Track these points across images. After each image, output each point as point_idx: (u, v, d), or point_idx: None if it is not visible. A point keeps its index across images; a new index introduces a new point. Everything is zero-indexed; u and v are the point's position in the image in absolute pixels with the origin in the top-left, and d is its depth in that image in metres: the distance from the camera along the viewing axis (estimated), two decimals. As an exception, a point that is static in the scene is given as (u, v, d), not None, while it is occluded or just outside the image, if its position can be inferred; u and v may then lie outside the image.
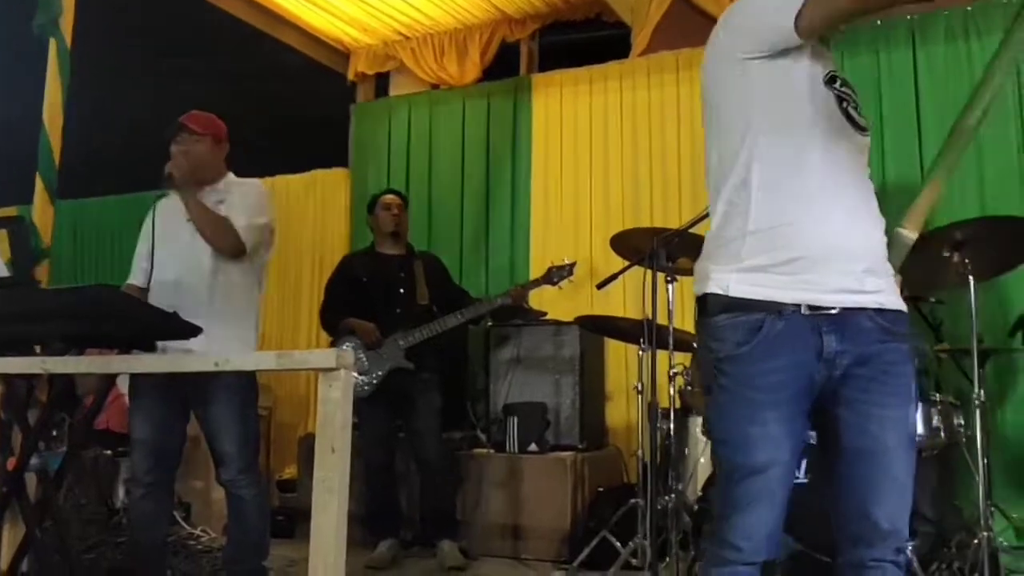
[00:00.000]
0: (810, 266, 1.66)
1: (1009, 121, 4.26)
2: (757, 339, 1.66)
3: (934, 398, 3.37)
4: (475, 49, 5.67)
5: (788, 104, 1.71)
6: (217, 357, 1.72)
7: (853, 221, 1.71)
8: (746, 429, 1.68)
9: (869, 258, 1.71)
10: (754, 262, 1.69)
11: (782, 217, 1.68)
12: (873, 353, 1.68)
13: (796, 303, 1.66)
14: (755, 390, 1.68)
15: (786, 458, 1.68)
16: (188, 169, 3.07)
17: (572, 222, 5.21)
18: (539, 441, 4.40)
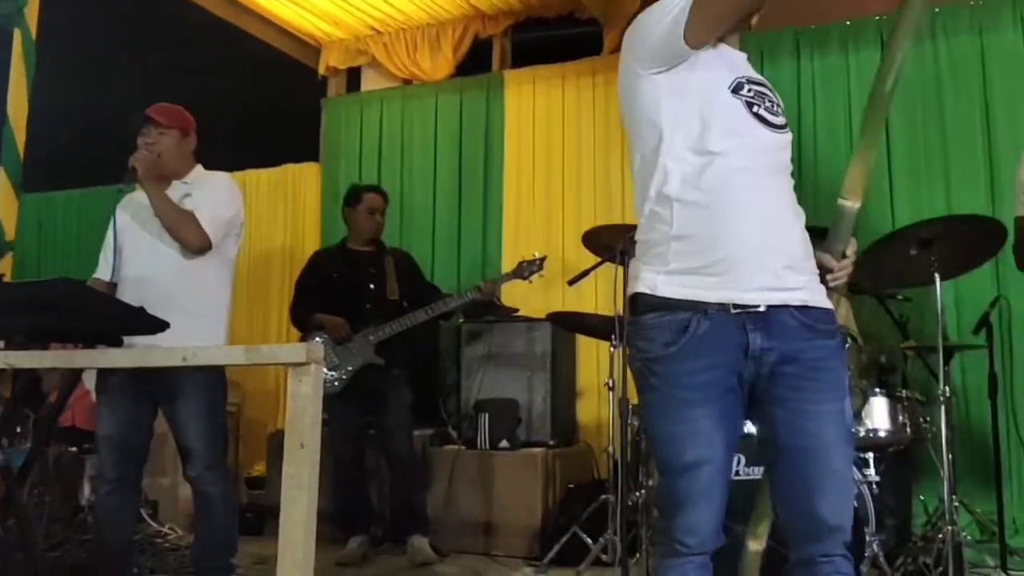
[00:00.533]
0: (732, 267, 1.70)
1: (975, 122, 4.32)
2: (684, 339, 1.70)
3: (900, 394, 3.42)
4: (448, 45, 5.65)
5: (695, 114, 1.75)
6: (185, 351, 1.70)
7: (770, 220, 1.74)
8: (677, 428, 1.72)
9: (788, 255, 1.73)
10: (679, 265, 1.73)
11: (700, 225, 1.72)
12: (800, 351, 1.70)
13: (721, 302, 1.70)
14: (684, 389, 1.71)
15: (719, 454, 1.71)
16: (152, 162, 3.02)
17: (544, 218, 5.21)
18: (510, 438, 4.40)
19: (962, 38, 4.40)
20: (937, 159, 4.37)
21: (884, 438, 3.34)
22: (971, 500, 3.81)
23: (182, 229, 3.00)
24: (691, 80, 1.75)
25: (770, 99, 1.81)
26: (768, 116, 1.78)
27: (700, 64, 1.75)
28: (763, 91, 1.81)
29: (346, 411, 4.13)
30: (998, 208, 4.11)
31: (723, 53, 1.81)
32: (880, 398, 3.36)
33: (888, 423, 3.34)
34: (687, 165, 1.73)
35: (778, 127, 1.79)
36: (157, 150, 3.06)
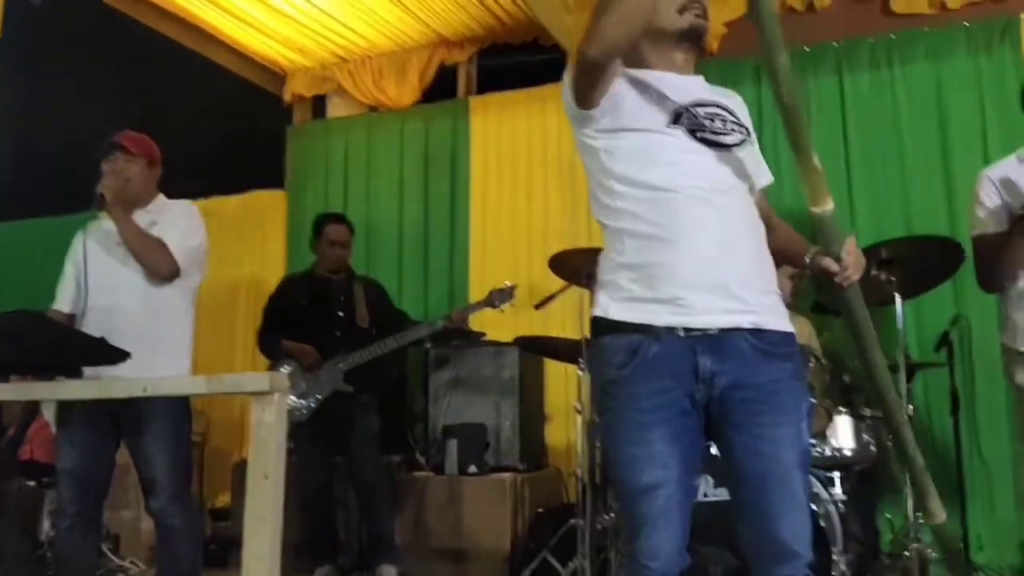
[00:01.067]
0: (683, 291, 1.72)
1: (932, 144, 4.41)
2: (635, 361, 1.73)
3: (864, 413, 3.45)
4: (413, 72, 5.67)
5: (633, 153, 1.80)
6: (146, 382, 1.67)
7: (720, 244, 1.75)
8: (633, 450, 1.73)
9: (739, 278, 1.75)
10: (630, 293, 1.77)
11: (648, 255, 1.76)
12: (755, 375, 1.72)
13: (670, 326, 1.72)
14: (638, 412, 1.73)
15: (675, 476, 1.72)
16: (120, 189, 3.00)
17: (511, 243, 5.22)
18: (479, 463, 4.38)
19: (918, 64, 4.50)
20: (896, 181, 4.45)
21: (849, 457, 3.37)
22: (936, 517, 3.84)
23: (151, 256, 2.98)
24: (621, 122, 1.81)
25: (722, 118, 1.83)
26: (716, 137, 1.80)
27: (627, 106, 1.81)
28: (714, 112, 1.83)
29: (313, 439, 4.09)
30: (957, 228, 4.19)
31: (661, 84, 1.84)
32: (844, 417, 3.39)
33: (853, 442, 3.37)
34: (631, 201, 1.79)
35: (729, 145, 1.81)
36: (125, 176, 3.04)
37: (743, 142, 1.84)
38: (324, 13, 5.19)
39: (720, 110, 1.85)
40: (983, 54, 4.38)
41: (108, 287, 3.00)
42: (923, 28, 4.52)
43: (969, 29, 4.42)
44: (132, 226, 2.99)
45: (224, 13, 5.19)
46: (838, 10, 4.77)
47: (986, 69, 4.36)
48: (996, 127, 4.27)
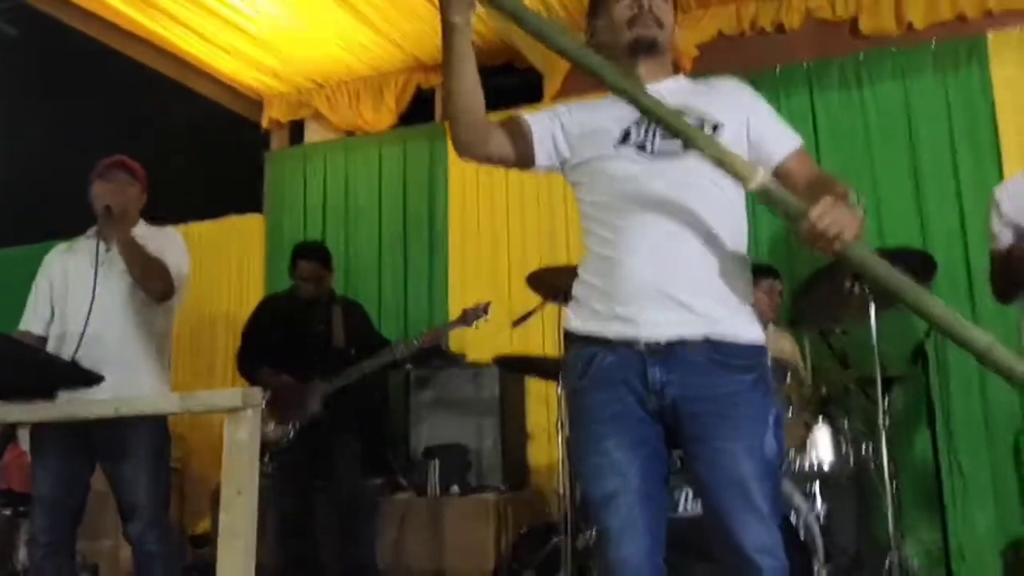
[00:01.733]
0: (630, 307, 1.75)
1: (902, 160, 4.47)
2: (590, 372, 1.78)
3: (842, 425, 3.47)
4: (390, 96, 5.70)
5: (585, 176, 1.91)
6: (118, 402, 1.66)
7: (665, 255, 1.76)
8: (593, 460, 1.77)
9: (691, 288, 1.75)
10: (588, 304, 1.84)
11: (603, 273, 1.82)
12: (712, 387, 1.73)
13: (621, 339, 1.76)
14: (594, 421, 1.78)
15: (635, 484, 1.73)
16: (128, 204, 3.03)
17: (490, 263, 5.23)
18: (461, 483, 4.37)
19: (886, 82, 4.57)
20: (868, 197, 4.49)
21: (829, 469, 3.39)
22: (918, 527, 3.87)
23: (151, 275, 3.01)
24: (578, 155, 1.92)
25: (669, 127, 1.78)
26: (667, 146, 1.81)
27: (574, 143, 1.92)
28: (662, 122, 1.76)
29: (292, 464, 4.04)
30: (928, 242, 4.25)
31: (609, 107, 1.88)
32: (823, 429, 3.41)
33: (832, 454, 3.39)
34: (589, 221, 1.89)
35: (681, 152, 1.79)
36: (122, 196, 3.06)
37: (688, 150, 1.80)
38: (299, 38, 5.22)
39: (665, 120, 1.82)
40: (950, 73, 4.46)
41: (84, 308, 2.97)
42: (890, 48, 4.60)
43: (936, 49, 4.50)
44: (133, 243, 3.00)
45: (200, 40, 5.20)
46: (807, 31, 4.85)
47: (953, 87, 4.44)
48: (965, 143, 4.34)
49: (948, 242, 4.25)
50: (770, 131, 1.90)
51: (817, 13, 4.80)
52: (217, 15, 4.92)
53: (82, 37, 4.94)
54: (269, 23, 5.02)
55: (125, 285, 3.03)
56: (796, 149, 1.89)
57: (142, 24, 4.99)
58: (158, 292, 3.03)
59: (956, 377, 4.16)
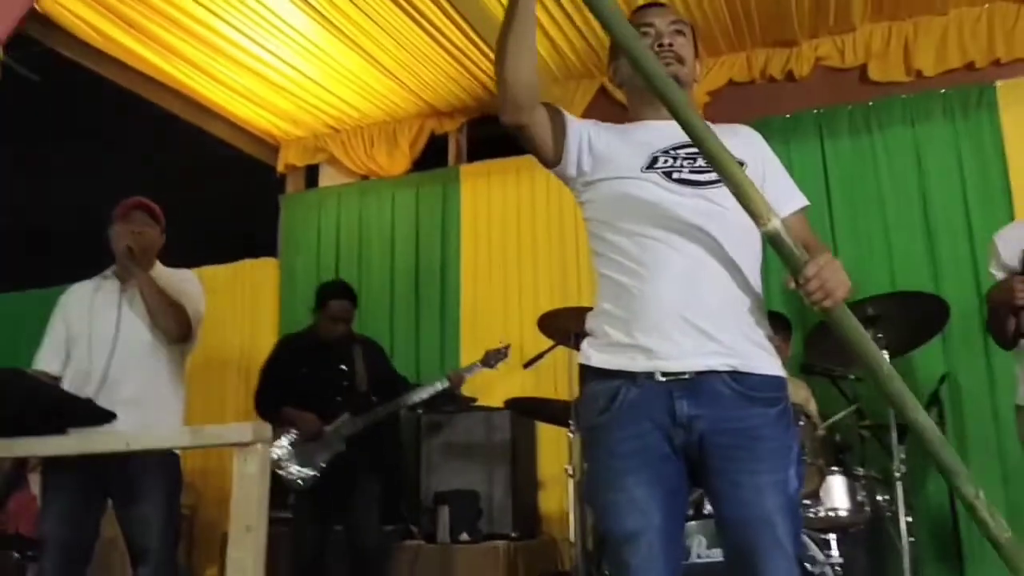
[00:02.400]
0: (655, 338, 1.73)
1: (912, 200, 4.48)
2: (613, 407, 1.74)
3: (857, 473, 3.43)
4: (404, 141, 5.77)
5: (609, 200, 1.87)
6: (128, 436, 1.66)
7: (690, 285, 1.74)
8: (613, 496, 1.73)
9: (716, 319, 1.74)
10: (608, 340, 1.79)
11: (626, 303, 1.78)
12: (736, 420, 1.70)
13: (647, 371, 1.72)
14: (616, 457, 1.73)
15: (657, 522, 1.69)
16: (149, 245, 3.06)
17: (501, 307, 5.24)
18: (471, 530, 4.31)
19: (896, 128, 4.60)
20: (879, 243, 4.50)
21: (844, 518, 3.33)
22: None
23: (172, 316, 3.03)
24: (596, 173, 1.88)
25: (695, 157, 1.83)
26: (694, 176, 1.82)
27: (600, 157, 1.88)
28: (695, 152, 1.81)
29: (312, 508, 3.97)
30: (941, 287, 4.23)
31: (638, 132, 1.90)
32: (838, 477, 3.36)
33: (847, 502, 3.34)
34: (609, 245, 1.84)
35: (712, 182, 1.79)
36: (144, 239, 3.09)
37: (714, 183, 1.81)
38: (317, 84, 5.31)
39: (691, 150, 1.83)
40: (960, 119, 4.49)
41: (101, 350, 3.01)
42: (900, 95, 4.64)
43: (945, 95, 4.54)
44: (155, 284, 3.04)
45: (219, 85, 5.30)
46: (817, 79, 4.90)
47: (963, 133, 4.47)
48: (975, 188, 4.36)
49: (960, 286, 4.23)
50: (780, 185, 1.92)
51: (827, 61, 4.86)
52: (236, 60, 5.02)
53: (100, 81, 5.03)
54: (286, 69, 5.11)
55: (143, 325, 3.05)
56: (800, 208, 1.93)
57: (162, 69, 5.09)
58: (177, 333, 3.05)
59: (972, 425, 4.11)
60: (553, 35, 4.78)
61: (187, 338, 3.10)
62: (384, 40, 4.82)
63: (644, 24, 1.94)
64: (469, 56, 5.01)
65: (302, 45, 4.86)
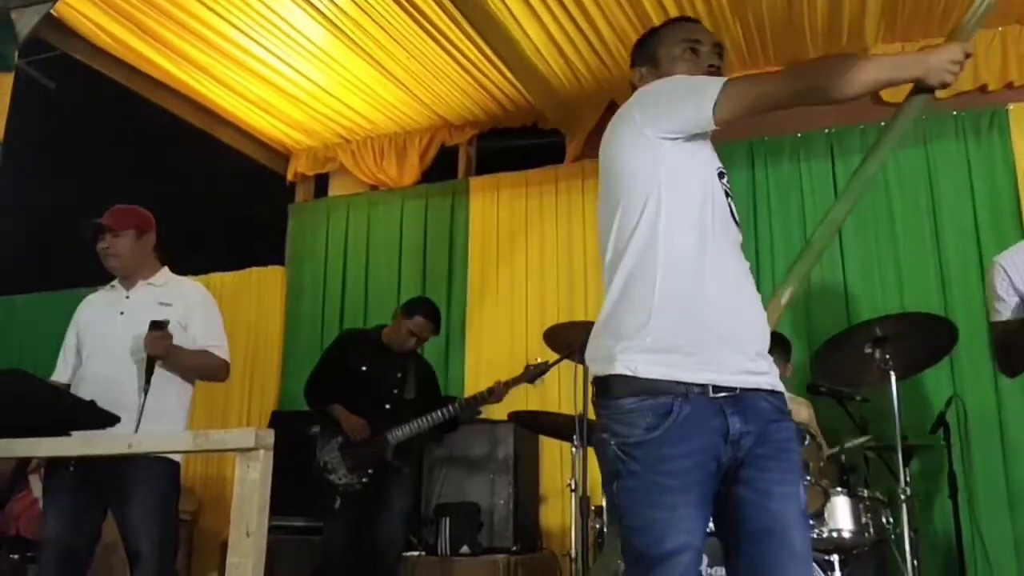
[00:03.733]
0: (713, 347, 1.68)
1: (923, 220, 4.47)
2: (667, 423, 1.64)
3: (862, 494, 3.40)
4: (414, 153, 5.79)
5: (692, 186, 1.76)
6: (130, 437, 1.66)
7: (748, 303, 1.77)
8: (657, 515, 1.65)
9: (760, 340, 1.76)
10: (660, 340, 1.67)
11: (688, 294, 1.69)
12: (770, 432, 1.71)
13: (702, 383, 1.66)
14: (666, 475, 1.64)
15: (697, 544, 1.66)
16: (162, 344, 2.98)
17: (508, 319, 5.24)
18: (471, 543, 4.29)
19: (908, 149, 4.59)
20: (889, 262, 4.49)
21: (848, 539, 3.30)
22: (939, 604, 3.75)
23: (211, 372, 3.19)
24: (697, 157, 1.78)
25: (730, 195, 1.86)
26: (734, 210, 1.83)
27: (702, 146, 1.80)
28: (727, 186, 1.86)
29: (346, 514, 3.92)
30: (950, 308, 4.21)
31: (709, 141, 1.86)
32: (842, 497, 3.33)
33: (851, 523, 3.30)
34: (677, 234, 1.72)
35: (738, 224, 1.84)
36: (113, 253, 3.11)
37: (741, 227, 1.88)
38: (328, 94, 5.33)
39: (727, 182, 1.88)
40: (971, 140, 4.49)
41: (108, 358, 3.02)
42: (912, 116, 4.62)
43: (957, 117, 4.53)
44: (189, 358, 3.08)
45: (231, 93, 5.33)
46: (829, 99, 4.88)
47: (975, 155, 4.46)
48: (986, 209, 4.35)
49: (969, 309, 4.21)
50: None
51: (838, 81, 4.84)
52: (249, 69, 5.04)
53: (114, 88, 5.06)
54: (299, 79, 5.14)
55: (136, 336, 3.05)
56: None
57: (175, 75, 5.13)
58: (221, 378, 3.23)
59: (978, 447, 4.08)
60: (566, 51, 4.79)
61: (228, 374, 3.26)
62: (396, 52, 4.85)
63: (694, 40, 1.94)
64: (481, 69, 5.03)
65: (315, 55, 4.89)
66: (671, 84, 1.83)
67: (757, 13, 4.48)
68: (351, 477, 3.91)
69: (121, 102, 5.31)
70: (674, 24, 2.02)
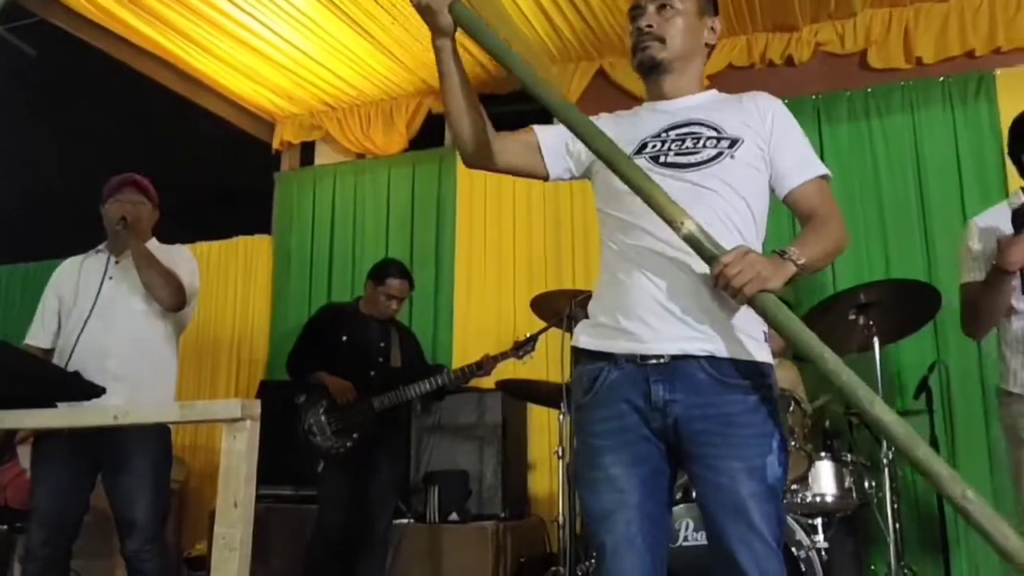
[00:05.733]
0: (633, 320, 1.76)
1: (908, 187, 4.48)
2: (595, 387, 1.78)
3: (845, 459, 3.44)
4: (401, 120, 5.74)
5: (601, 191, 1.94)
6: (116, 409, 1.66)
7: (669, 270, 1.75)
8: (592, 474, 1.76)
9: (696, 303, 1.73)
10: (596, 319, 1.85)
11: (610, 279, 1.85)
12: (711, 405, 1.70)
13: (626, 353, 1.75)
14: (595, 436, 1.77)
15: (634, 501, 1.71)
16: (143, 217, 3.07)
17: (496, 287, 5.23)
18: (460, 510, 4.33)
19: (894, 115, 4.59)
20: (875, 230, 4.50)
21: (831, 503, 3.35)
22: (921, 566, 3.81)
23: (165, 285, 3.04)
24: (595, 165, 1.91)
25: (696, 136, 1.83)
26: (679, 159, 1.81)
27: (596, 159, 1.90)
28: (687, 132, 1.84)
29: (338, 479, 3.94)
30: (935, 275, 4.23)
31: (637, 118, 1.93)
32: (826, 462, 3.38)
33: (835, 488, 3.36)
34: (605, 231, 1.91)
35: (696, 164, 1.80)
36: (134, 215, 3.10)
37: (713, 158, 1.81)
38: (314, 61, 5.27)
39: (700, 128, 1.85)
40: (958, 106, 4.48)
41: (95, 323, 3.00)
42: (899, 82, 4.62)
43: (944, 83, 4.52)
44: (150, 254, 3.04)
45: (215, 60, 5.26)
46: (817, 65, 4.88)
47: (961, 121, 4.45)
48: (972, 176, 4.35)
49: (953, 275, 4.19)
50: (790, 157, 1.86)
51: (827, 47, 4.83)
52: (233, 36, 4.97)
53: (97, 56, 5.00)
54: (284, 45, 5.07)
55: (135, 298, 3.06)
56: (808, 180, 1.86)
57: (158, 42, 5.05)
58: (171, 302, 3.07)
59: (960, 412, 4.13)
60: (552, 15, 4.75)
61: (180, 307, 3.11)
62: (381, 16, 4.78)
63: (636, 6, 1.94)
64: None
65: (300, 21, 4.82)
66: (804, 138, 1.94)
67: (745, -22, 4.45)
68: (335, 441, 3.93)
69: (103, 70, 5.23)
70: None
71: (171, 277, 3.06)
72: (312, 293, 5.67)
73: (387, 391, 4.00)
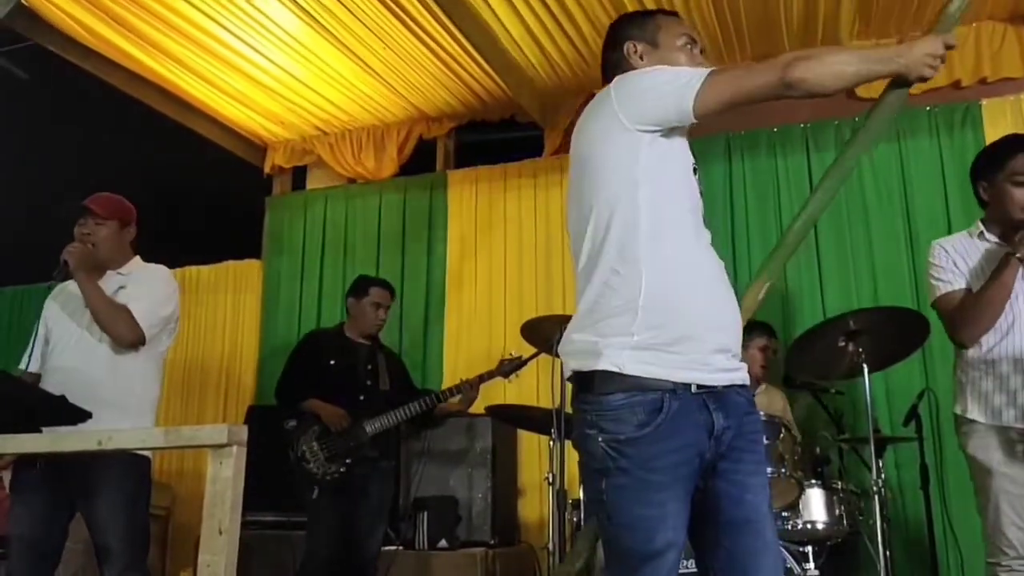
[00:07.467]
0: (697, 345, 1.67)
1: (896, 215, 4.51)
2: (657, 420, 1.62)
3: (836, 486, 3.44)
4: (392, 145, 5.76)
5: (671, 180, 1.75)
6: (100, 434, 1.64)
7: (728, 299, 1.77)
8: (646, 512, 1.63)
9: (736, 337, 1.77)
10: (645, 338, 1.65)
11: (674, 292, 1.68)
12: (743, 425, 1.73)
13: (687, 382, 1.66)
14: (654, 472, 1.63)
15: (681, 540, 1.67)
16: (86, 254, 2.98)
17: (486, 313, 5.23)
18: (449, 537, 4.30)
19: (882, 144, 4.62)
20: (863, 256, 4.53)
21: (822, 530, 3.34)
22: (910, 594, 3.80)
23: (115, 323, 2.94)
24: (674, 149, 1.77)
25: None
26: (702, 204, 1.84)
27: (681, 139, 1.79)
28: None
29: (330, 507, 3.89)
30: (923, 301, 4.24)
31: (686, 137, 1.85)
32: (816, 489, 3.37)
33: (825, 515, 3.35)
34: (659, 230, 1.70)
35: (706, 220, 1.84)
36: (92, 240, 3.04)
37: None
38: (305, 87, 5.30)
39: None
40: (945, 136, 4.53)
41: (70, 349, 2.98)
42: (887, 111, 4.66)
43: (931, 112, 4.57)
44: (96, 292, 2.95)
45: (207, 85, 5.28)
46: (805, 93, 4.91)
47: (948, 150, 4.50)
48: (958, 204, 4.38)
49: (942, 304, 4.24)
50: None
51: (814, 77, 4.87)
52: (225, 61, 5.00)
53: (89, 81, 5.01)
54: (276, 71, 5.09)
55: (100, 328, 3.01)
56: None
57: (150, 67, 5.07)
58: (123, 341, 2.95)
59: (949, 441, 4.10)
60: (544, 43, 4.78)
61: (136, 344, 2.98)
62: (374, 44, 4.82)
63: (692, 39, 1.94)
64: (459, 61, 5.01)
65: (292, 47, 4.85)
66: (654, 73, 1.80)
67: (734, 7, 4.49)
68: (328, 467, 3.90)
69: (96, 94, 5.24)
70: (669, 16, 2.01)
71: (122, 316, 2.94)
72: (301, 318, 5.65)
73: (378, 415, 3.98)
